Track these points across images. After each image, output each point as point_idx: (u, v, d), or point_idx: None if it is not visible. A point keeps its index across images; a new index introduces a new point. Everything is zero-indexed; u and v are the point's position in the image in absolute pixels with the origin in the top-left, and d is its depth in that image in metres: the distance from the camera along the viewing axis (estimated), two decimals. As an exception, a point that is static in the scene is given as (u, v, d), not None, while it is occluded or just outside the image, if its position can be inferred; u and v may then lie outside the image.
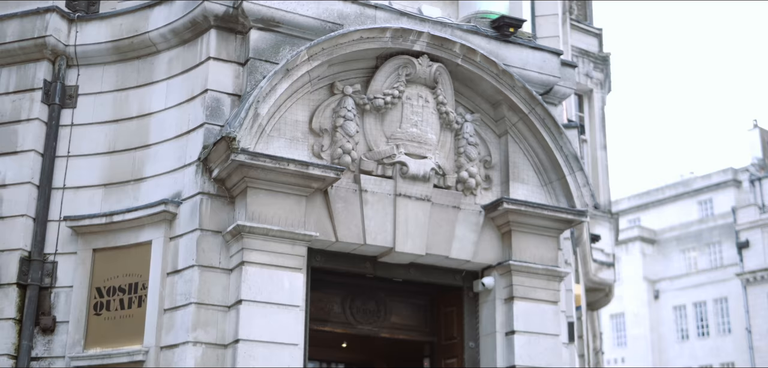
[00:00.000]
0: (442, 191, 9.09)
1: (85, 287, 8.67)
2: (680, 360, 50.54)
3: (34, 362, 8.60)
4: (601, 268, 20.21)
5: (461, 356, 9.36)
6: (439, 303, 9.87)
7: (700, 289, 50.58)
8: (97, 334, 8.55)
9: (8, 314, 8.57)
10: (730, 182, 53.42)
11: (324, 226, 8.47)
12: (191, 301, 7.99)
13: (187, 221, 8.32)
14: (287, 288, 8.07)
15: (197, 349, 7.90)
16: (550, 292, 9.30)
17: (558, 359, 9.17)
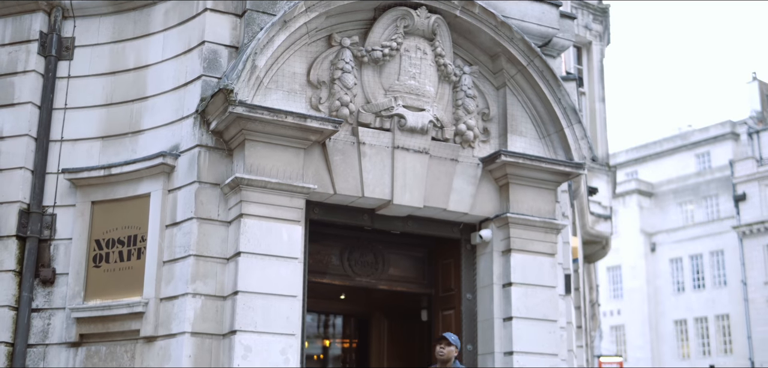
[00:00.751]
0: (440, 143, 9.10)
1: (85, 239, 8.70)
2: (676, 312, 50.92)
3: (35, 313, 8.66)
4: (598, 221, 20.27)
5: (458, 307, 9.43)
6: (436, 256, 9.92)
7: (697, 242, 50.78)
8: (97, 286, 8.60)
9: (8, 266, 8.61)
10: (728, 135, 53.39)
11: (322, 178, 8.49)
12: (190, 253, 8.03)
13: (185, 173, 8.33)
14: (286, 240, 8.11)
15: (196, 301, 7.96)
16: (547, 244, 9.35)
17: (555, 311, 9.24)
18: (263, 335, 7.84)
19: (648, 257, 53.09)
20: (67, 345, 8.53)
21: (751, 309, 45.68)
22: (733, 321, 47.82)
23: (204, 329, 7.94)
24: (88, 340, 8.51)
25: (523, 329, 8.98)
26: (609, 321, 53.34)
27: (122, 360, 8.30)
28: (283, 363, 7.87)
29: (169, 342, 8.01)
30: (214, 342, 7.95)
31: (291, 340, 7.98)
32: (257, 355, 7.77)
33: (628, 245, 52.73)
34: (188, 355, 7.82)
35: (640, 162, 57.52)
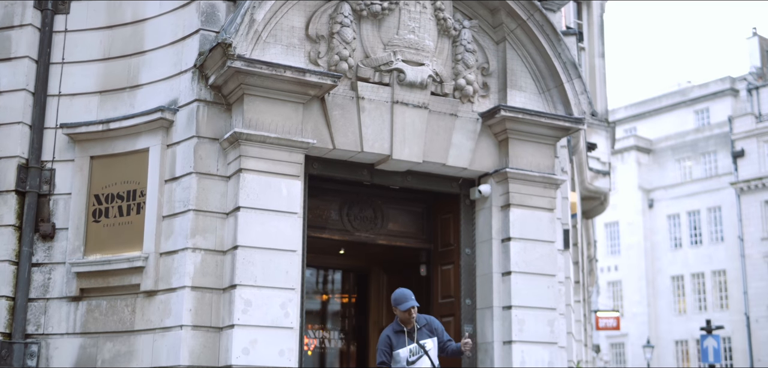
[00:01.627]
0: (439, 98, 9.07)
1: (84, 194, 8.70)
2: (672, 267, 51.16)
3: (35, 268, 8.69)
4: (596, 176, 20.28)
5: (457, 262, 9.47)
6: (435, 211, 9.93)
7: (694, 198, 50.86)
8: (97, 241, 8.62)
9: (8, 220, 8.62)
10: (727, 91, 53.22)
11: (321, 133, 8.47)
12: (189, 208, 8.04)
13: (183, 128, 8.30)
14: (285, 195, 8.12)
15: (196, 255, 7.98)
16: (546, 199, 9.36)
17: (553, 265, 9.28)
18: (263, 289, 7.87)
19: (646, 213, 53.21)
20: (67, 300, 8.57)
21: (747, 265, 45.93)
22: (729, 277, 48.10)
23: (204, 283, 7.97)
24: (88, 294, 8.55)
25: (522, 283, 9.02)
26: (606, 276, 53.62)
27: (123, 313, 8.35)
28: (283, 317, 7.91)
29: (170, 296, 8.05)
30: (214, 296, 7.99)
31: (291, 294, 8.02)
32: (257, 309, 7.81)
33: (626, 201, 52.83)
34: (189, 309, 7.86)
35: (639, 119, 57.43)
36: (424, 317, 7.42)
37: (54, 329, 8.57)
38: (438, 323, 7.46)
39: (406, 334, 7.24)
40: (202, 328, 7.90)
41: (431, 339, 7.27)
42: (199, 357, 7.83)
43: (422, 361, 7.17)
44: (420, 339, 7.21)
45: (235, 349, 7.67)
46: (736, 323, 45.93)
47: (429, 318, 7.45)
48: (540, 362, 8.93)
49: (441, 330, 7.39)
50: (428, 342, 7.25)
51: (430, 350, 7.22)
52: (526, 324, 8.94)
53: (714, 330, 17.05)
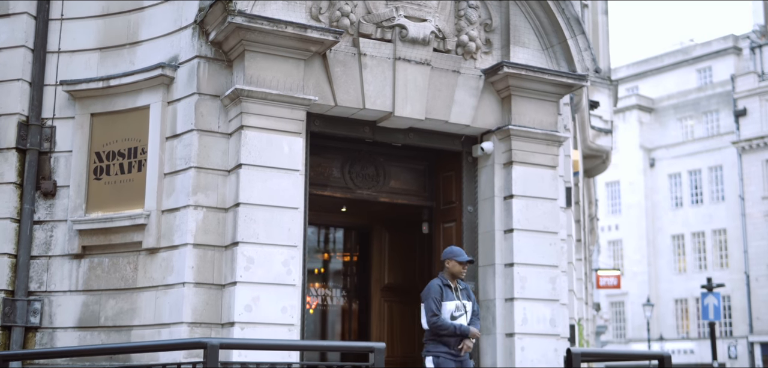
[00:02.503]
0: (441, 54, 8.99)
1: (85, 151, 8.67)
2: (673, 227, 51.24)
3: (37, 225, 8.69)
4: (598, 135, 20.23)
5: (460, 220, 9.45)
6: (437, 168, 9.90)
7: (696, 157, 50.81)
8: (98, 198, 8.60)
9: (9, 178, 8.60)
10: (730, 49, 52.93)
11: (323, 90, 8.41)
12: (191, 165, 8.01)
13: (184, 85, 8.25)
14: (287, 152, 8.08)
15: (198, 213, 7.97)
16: (548, 157, 9.32)
17: (555, 223, 9.26)
18: (265, 246, 7.87)
19: (647, 172, 53.19)
20: (70, 257, 8.57)
21: (747, 224, 46.00)
22: (729, 236, 48.20)
23: (206, 241, 7.96)
24: (90, 252, 8.55)
25: (524, 241, 9.01)
26: (607, 235, 53.75)
27: (125, 271, 8.36)
28: (285, 275, 7.91)
29: (172, 254, 8.04)
30: (216, 253, 7.99)
31: (293, 252, 8.01)
32: (260, 267, 7.81)
33: (627, 160, 52.79)
34: (191, 266, 7.86)
35: (641, 77, 57.20)
36: (465, 283, 7.75)
37: (56, 286, 8.59)
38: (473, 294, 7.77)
39: (453, 290, 7.53)
40: (205, 285, 7.91)
41: (470, 301, 7.59)
42: (202, 314, 7.85)
43: (462, 319, 7.47)
44: (462, 299, 7.53)
45: (237, 306, 7.68)
46: (736, 282, 46.11)
47: (468, 285, 7.79)
48: (542, 319, 8.95)
49: (473, 300, 7.68)
50: (467, 303, 7.56)
51: (468, 312, 7.53)
52: (528, 281, 8.95)
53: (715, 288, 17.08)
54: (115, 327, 8.29)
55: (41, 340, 8.51)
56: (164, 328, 7.94)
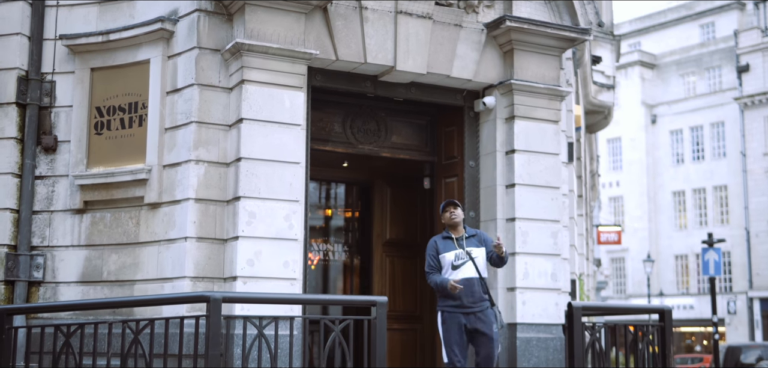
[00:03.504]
0: (443, 8, 8.91)
1: (85, 106, 8.64)
2: (674, 183, 51.23)
3: (39, 180, 8.68)
4: (601, 90, 20.14)
5: (461, 175, 9.44)
6: (439, 123, 9.87)
7: (698, 113, 50.63)
8: (100, 153, 8.59)
9: (9, 133, 8.58)
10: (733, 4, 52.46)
11: (324, 44, 8.35)
12: (192, 120, 7.98)
13: (184, 39, 8.19)
14: (288, 107, 8.05)
15: (199, 167, 7.95)
16: (551, 111, 9.29)
17: (557, 178, 9.25)
18: (267, 201, 7.87)
19: (648, 129, 53.07)
20: (71, 212, 8.58)
21: (749, 180, 45.99)
22: (730, 192, 48.21)
23: (208, 195, 7.97)
24: (92, 207, 8.56)
25: (526, 196, 9.01)
26: (608, 192, 53.77)
27: (127, 226, 8.37)
28: (287, 229, 7.92)
29: (174, 209, 8.05)
30: (218, 208, 7.99)
31: (295, 206, 8.02)
32: (261, 221, 7.82)
33: (629, 117, 52.64)
34: (193, 221, 7.87)
35: (644, 33, 56.79)
36: (476, 230, 7.54)
37: (59, 241, 8.60)
38: (489, 237, 7.53)
39: (455, 241, 7.34)
40: (207, 240, 7.92)
41: (479, 248, 7.33)
42: (204, 269, 7.87)
43: (467, 267, 7.21)
44: (468, 247, 7.29)
45: (239, 261, 7.70)
46: (736, 237, 46.22)
47: (481, 232, 7.58)
48: (543, 273, 8.98)
49: (490, 242, 7.41)
50: (475, 250, 7.31)
51: (477, 258, 7.27)
52: (530, 235, 8.96)
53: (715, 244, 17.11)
54: (118, 281, 8.32)
55: (44, 295, 8.55)
56: (167, 282, 7.97)
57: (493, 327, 7.14)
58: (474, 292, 7.17)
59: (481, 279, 7.23)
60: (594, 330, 7.77)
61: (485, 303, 7.18)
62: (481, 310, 7.15)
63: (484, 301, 7.18)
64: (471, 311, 7.14)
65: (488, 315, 7.17)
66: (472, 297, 7.17)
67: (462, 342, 7.16)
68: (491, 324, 7.14)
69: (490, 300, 7.22)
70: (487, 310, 7.18)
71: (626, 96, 52.44)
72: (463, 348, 7.16)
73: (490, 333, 7.13)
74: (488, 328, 7.13)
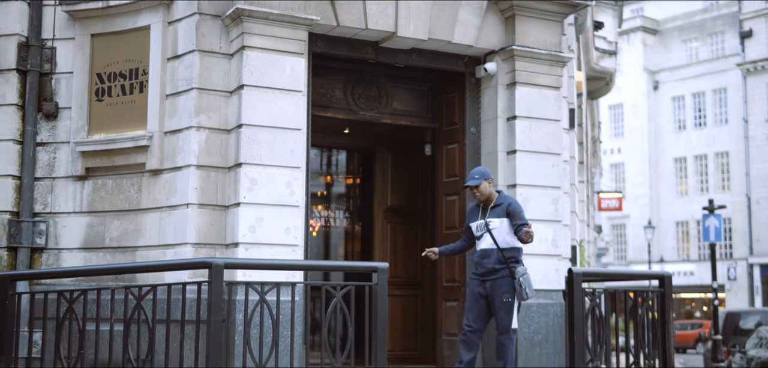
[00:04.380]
0: (445, -27, 8.86)
1: (86, 73, 8.62)
2: (676, 150, 51.21)
3: (40, 147, 8.69)
4: (603, 56, 20.07)
5: (462, 141, 9.44)
6: (441, 89, 9.85)
7: (700, 80, 50.50)
8: (101, 120, 8.58)
9: (10, 99, 8.57)
10: (737, -31, 52.20)
11: (325, 10, 8.32)
12: (193, 86, 7.97)
13: (185, 4, 8.15)
14: (289, 73, 8.03)
15: (201, 134, 7.96)
16: (552, 77, 9.26)
17: (558, 144, 9.25)
18: (268, 168, 7.88)
19: (650, 95, 52.95)
20: (73, 179, 8.60)
21: (750, 146, 45.96)
22: (732, 158, 48.20)
23: (209, 162, 7.97)
24: (94, 174, 8.57)
25: (527, 162, 9.01)
26: (609, 158, 53.77)
27: (129, 192, 8.39)
28: (288, 196, 7.94)
29: (175, 175, 8.06)
30: (219, 175, 8.00)
31: (296, 173, 8.03)
32: (263, 188, 7.83)
33: (631, 83, 52.50)
34: (194, 188, 7.89)
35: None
36: (507, 198, 7.54)
37: (61, 208, 8.63)
38: (518, 207, 7.45)
39: (481, 209, 7.49)
40: (208, 207, 7.94)
41: (499, 219, 7.37)
42: (206, 235, 7.90)
43: (485, 238, 7.40)
44: (489, 217, 7.39)
45: (241, 227, 7.72)
46: (737, 204, 46.28)
47: (512, 200, 7.52)
48: (544, 239, 9.00)
49: (517, 212, 7.38)
50: (495, 220, 7.38)
51: (495, 228, 7.35)
52: (531, 202, 8.96)
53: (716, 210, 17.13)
54: (120, 247, 8.36)
55: (47, 261, 8.59)
56: (169, 249, 8.00)
57: (503, 296, 7.25)
58: (486, 263, 7.36)
59: (499, 250, 7.31)
60: (594, 296, 7.81)
61: (499, 273, 7.28)
62: (493, 279, 7.30)
63: (498, 272, 7.29)
64: (486, 279, 7.36)
65: (499, 284, 7.27)
66: (484, 267, 7.37)
67: (476, 309, 7.39)
68: (502, 294, 7.25)
69: (509, 271, 7.26)
70: (500, 280, 7.28)
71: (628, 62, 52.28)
72: (477, 315, 7.39)
73: (499, 303, 7.27)
74: (498, 297, 7.27)
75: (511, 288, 7.24)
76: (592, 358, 7.73)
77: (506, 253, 7.30)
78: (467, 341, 7.36)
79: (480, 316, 7.37)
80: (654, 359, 8.02)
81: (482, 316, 7.38)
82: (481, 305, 7.37)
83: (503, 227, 7.36)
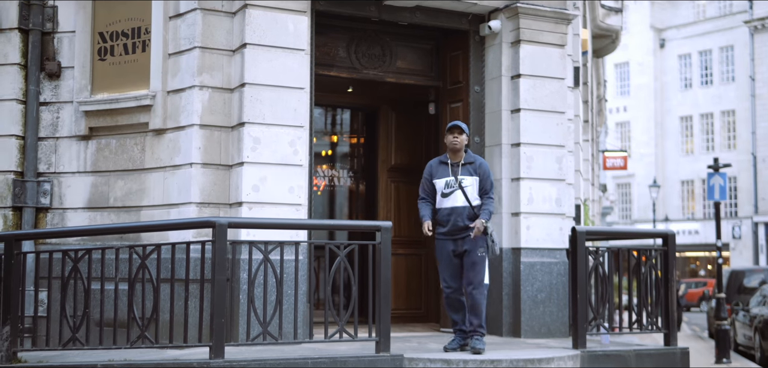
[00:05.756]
0: (449, -70, 8.77)
1: (88, 32, 8.58)
2: (682, 108, 51.00)
3: (43, 107, 8.68)
4: (608, 14, 19.89)
5: (466, 100, 9.40)
6: (444, 48, 9.79)
7: (707, 37, 50.14)
8: (104, 79, 8.56)
9: (13, 59, 8.55)
10: (746, -75, 51.57)
11: (328, -33, 8.25)
12: (195, 45, 7.93)
13: (186, -38, 8.09)
14: (292, 32, 7.98)
15: (204, 93, 7.94)
16: (557, 35, 9.20)
17: (563, 102, 9.21)
18: (272, 127, 7.86)
19: (656, 53, 52.61)
20: (77, 138, 8.60)
21: (757, 105, 45.73)
22: (738, 117, 47.98)
23: (212, 121, 7.96)
24: (97, 133, 8.57)
25: (531, 120, 8.98)
26: (615, 117, 53.57)
27: (133, 152, 8.39)
28: (292, 155, 7.93)
29: (178, 134, 8.05)
30: (223, 134, 7.99)
31: (300, 132, 8.01)
32: (266, 147, 7.82)
33: (637, 41, 52.15)
34: (198, 147, 7.88)
35: (654, -45, 55.90)
36: (478, 158, 7.47)
37: (65, 167, 8.64)
38: (488, 170, 7.42)
39: (450, 166, 7.36)
40: (212, 166, 7.95)
41: (472, 177, 7.34)
42: (210, 194, 7.91)
43: (456, 195, 7.31)
44: (462, 174, 7.30)
45: (245, 186, 7.73)
46: (743, 163, 46.17)
47: (481, 162, 7.44)
48: (548, 198, 9.00)
49: (487, 176, 7.34)
50: (467, 179, 7.34)
51: (467, 187, 7.32)
52: (535, 161, 8.95)
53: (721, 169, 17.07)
54: (125, 207, 8.38)
55: (52, 221, 8.62)
56: (173, 208, 8.02)
57: (478, 251, 7.22)
58: (457, 221, 7.29)
59: (471, 208, 7.30)
60: (597, 254, 7.82)
61: (471, 230, 7.23)
62: (464, 237, 7.27)
63: (470, 229, 7.24)
64: (458, 237, 7.30)
65: (471, 240, 7.24)
66: (455, 225, 7.30)
67: (451, 268, 7.38)
68: (477, 249, 7.22)
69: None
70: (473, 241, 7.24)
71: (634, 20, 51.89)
72: (452, 274, 7.38)
73: (474, 257, 7.23)
74: (473, 253, 7.23)
75: (484, 243, 7.25)
76: (595, 317, 7.76)
77: (477, 210, 7.27)
78: (452, 303, 7.38)
79: (456, 274, 7.36)
80: (657, 317, 8.04)
81: (458, 274, 7.36)
82: (455, 264, 7.35)
83: (475, 186, 7.35)
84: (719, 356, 14.36)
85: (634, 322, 8.10)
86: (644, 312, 8.00)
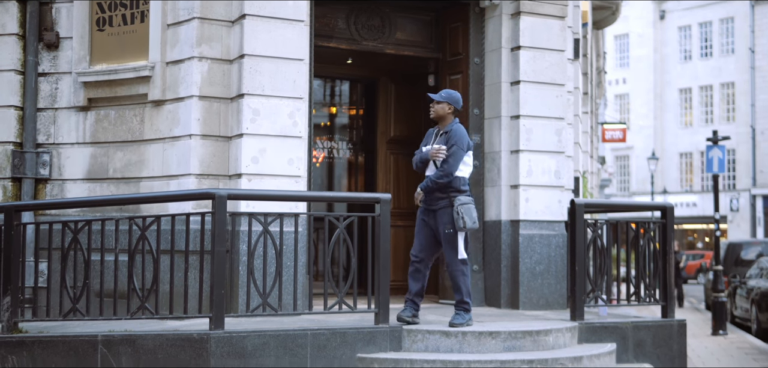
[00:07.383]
0: None
1: (86, 2, 8.55)
2: (681, 80, 50.86)
3: (42, 77, 8.66)
4: (609, -15, 19.79)
5: (466, 72, 9.38)
6: (444, 19, 9.75)
7: (707, 9, 49.89)
8: (102, 50, 8.53)
9: (10, 29, 8.52)
10: None
11: (327, -62, 8.20)
12: (194, 16, 7.90)
13: (185, -68, 8.04)
14: (291, 3, 7.95)
15: (203, 64, 7.91)
16: (557, 7, 9.16)
17: (563, 74, 9.19)
18: (271, 98, 7.85)
19: (656, 25, 52.39)
20: (76, 109, 8.58)
21: (756, 77, 45.62)
22: (737, 89, 47.88)
23: (211, 93, 7.95)
24: (96, 104, 8.55)
25: (531, 92, 8.97)
26: (614, 89, 53.44)
27: (132, 123, 8.37)
28: (291, 126, 7.93)
29: (178, 106, 8.04)
30: (222, 105, 7.98)
31: (299, 104, 8.00)
32: (265, 119, 7.81)
33: (637, 13, 51.90)
34: (197, 119, 7.87)
35: (655, -75, 55.53)
36: (454, 126, 7.08)
37: (64, 138, 8.63)
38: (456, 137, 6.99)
39: (434, 134, 7.20)
40: (211, 137, 7.94)
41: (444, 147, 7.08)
42: (209, 166, 7.91)
43: (431, 165, 7.07)
44: (436, 143, 7.08)
45: (244, 158, 7.73)
46: (742, 135, 46.13)
47: (455, 128, 7.07)
48: (547, 171, 9.01)
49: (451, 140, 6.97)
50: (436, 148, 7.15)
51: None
52: (534, 133, 8.95)
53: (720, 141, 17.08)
54: (124, 178, 8.38)
55: (51, 192, 8.63)
56: (172, 179, 8.02)
57: (444, 228, 6.94)
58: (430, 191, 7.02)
59: None
60: (596, 226, 7.84)
61: (439, 204, 6.98)
62: (435, 210, 7.01)
63: (438, 201, 6.98)
64: (430, 209, 7.05)
65: (440, 215, 6.97)
66: (429, 195, 7.04)
67: (421, 237, 7.09)
68: (443, 226, 6.94)
69: (449, 201, 6.94)
70: (440, 211, 6.97)
71: (635, -9, 51.55)
72: (422, 244, 7.07)
73: (442, 235, 6.97)
74: (441, 229, 6.97)
75: (450, 218, 6.91)
76: (593, 288, 7.80)
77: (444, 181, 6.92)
78: (414, 272, 7.08)
79: (425, 246, 7.06)
80: (655, 289, 8.08)
81: (428, 246, 7.07)
82: (425, 233, 7.07)
83: None
84: (716, 328, 14.44)
85: (632, 294, 8.14)
86: (642, 284, 8.04)
